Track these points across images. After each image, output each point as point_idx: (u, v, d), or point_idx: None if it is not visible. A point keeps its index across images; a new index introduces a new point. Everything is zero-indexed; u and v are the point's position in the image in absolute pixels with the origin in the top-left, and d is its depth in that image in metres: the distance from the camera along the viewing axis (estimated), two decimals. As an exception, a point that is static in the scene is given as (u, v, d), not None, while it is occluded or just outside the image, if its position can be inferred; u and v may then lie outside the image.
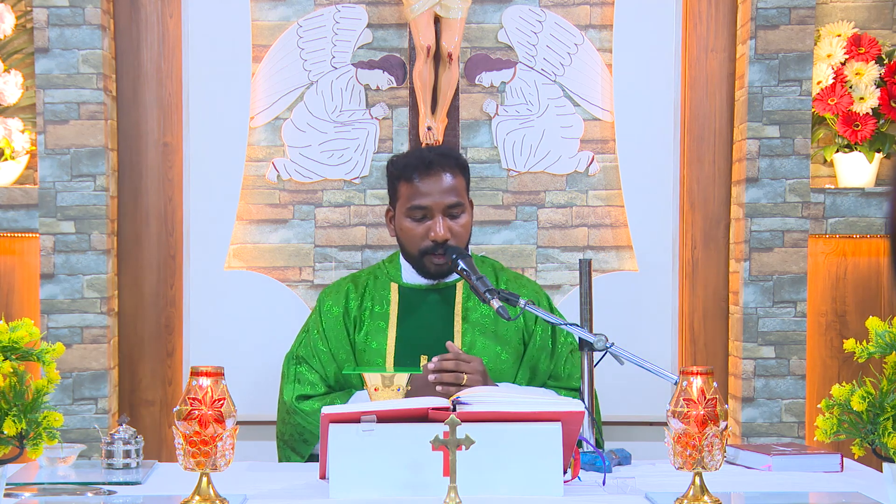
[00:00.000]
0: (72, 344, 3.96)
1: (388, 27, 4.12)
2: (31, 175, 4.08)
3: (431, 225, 3.34)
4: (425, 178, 3.35)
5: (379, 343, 3.37)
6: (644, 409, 4.02)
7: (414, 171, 3.37)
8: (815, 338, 4.16)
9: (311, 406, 3.29)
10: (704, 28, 4.19)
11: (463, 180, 3.41)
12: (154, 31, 4.16)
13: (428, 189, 3.35)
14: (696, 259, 4.20)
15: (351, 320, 3.41)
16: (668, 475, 2.79)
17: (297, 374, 3.38)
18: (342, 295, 3.45)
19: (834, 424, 2.44)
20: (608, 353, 3.07)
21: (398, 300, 3.42)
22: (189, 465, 2.44)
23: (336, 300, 3.44)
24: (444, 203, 3.35)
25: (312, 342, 3.40)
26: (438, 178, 3.36)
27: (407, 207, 3.37)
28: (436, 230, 3.33)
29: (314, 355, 3.38)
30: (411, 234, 3.37)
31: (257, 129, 4.11)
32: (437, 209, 3.35)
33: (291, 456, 3.36)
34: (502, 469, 2.62)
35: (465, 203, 3.40)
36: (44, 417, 2.37)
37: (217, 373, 2.46)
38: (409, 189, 3.37)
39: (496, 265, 3.55)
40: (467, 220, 3.40)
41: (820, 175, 4.16)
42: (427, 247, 3.35)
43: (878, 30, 4.15)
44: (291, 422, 3.34)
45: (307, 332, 3.44)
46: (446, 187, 3.36)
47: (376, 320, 3.40)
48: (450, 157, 3.42)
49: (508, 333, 3.39)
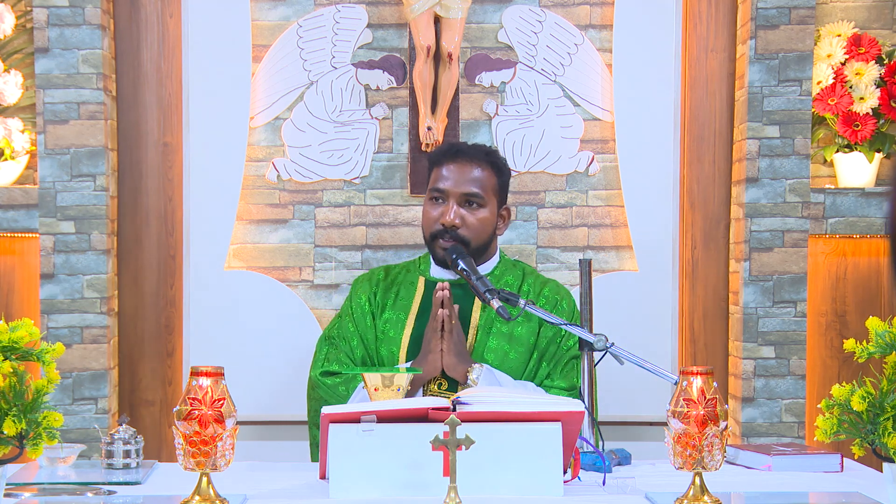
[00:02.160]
0: (72, 344, 3.96)
1: (388, 27, 4.12)
2: (31, 175, 4.08)
3: (445, 210, 3.40)
4: (450, 163, 3.44)
5: (396, 332, 3.43)
6: (644, 409, 4.02)
7: (443, 157, 3.47)
8: (815, 338, 4.16)
9: (334, 381, 3.37)
10: (704, 28, 4.19)
11: (493, 178, 3.45)
12: (154, 31, 4.16)
13: (450, 174, 3.43)
14: (696, 259, 4.20)
15: (376, 305, 3.49)
16: (668, 475, 2.79)
17: (326, 353, 3.47)
18: (373, 282, 3.54)
19: (834, 424, 2.45)
20: (608, 353, 3.07)
21: (422, 293, 3.48)
22: (189, 465, 2.44)
23: (365, 287, 3.54)
24: (462, 191, 3.41)
25: (343, 326, 3.49)
26: (464, 166, 3.43)
27: (429, 189, 3.46)
28: (447, 215, 3.39)
29: (344, 338, 3.47)
30: (427, 216, 3.45)
31: (257, 129, 4.11)
32: (454, 195, 3.41)
33: (316, 434, 3.41)
34: (502, 469, 2.62)
35: (489, 199, 3.43)
36: (44, 417, 2.37)
37: (217, 373, 2.46)
38: (436, 173, 3.47)
39: (526, 268, 3.57)
40: (486, 215, 3.42)
41: (820, 175, 4.17)
42: (436, 230, 3.41)
43: (878, 30, 4.15)
44: (314, 396, 3.42)
45: (340, 317, 3.54)
46: (469, 177, 3.42)
47: (398, 311, 3.47)
48: (483, 151, 3.49)
49: (523, 334, 3.40)
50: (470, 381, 3.24)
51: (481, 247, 3.44)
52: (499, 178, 3.47)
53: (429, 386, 3.30)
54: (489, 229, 3.44)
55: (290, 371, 4.03)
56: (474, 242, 3.41)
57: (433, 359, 3.26)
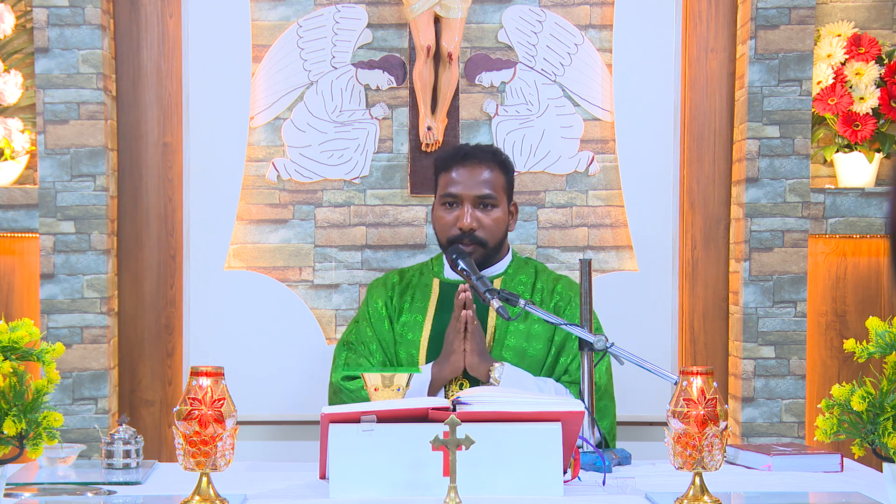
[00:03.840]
0: (72, 344, 3.96)
1: (388, 27, 4.12)
2: (31, 175, 4.08)
3: (460, 214, 3.44)
4: (460, 167, 3.47)
5: (414, 334, 3.47)
6: (644, 409, 4.03)
7: (452, 161, 3.49)
8: (815, 338, 4.16)
9: (356, 385, 3.39)
10: (704, 28, 4.19)
11: (501, 177, 3.49)
12: (154, 31, 4.16)
13: (461, 178, 3.46)
14: (696, 259, 4.20)
15: (393, 309, 3.52)
16: (668, 475, 2.79)
17: (346, 358, 3.49)
18: (388, 287, 3.58)
19: (834, 424, 2.45)
20: (608, 353, 3.07)
21: (438, 295, 3.53)
22: (189, 465, 2.44)
23: (380, 292, 3.57)
24: (475, 194, 3.45)
25: (361, 330, 3.52)
26: (473, 169, 3.46)
27: (441, 195, 3.49)
28: (463, 219, 3.42)
29: (362, 342, 3.49)
30: (442, 222, 3.48)
31: (257, 129, 4.11)
32: (468, 199, 3.45)
33: None
34: (502, 469, 2.62)
35: (501, 198, 3.48)
36: (44, 417, 2.37)
37: (217, 373, 2.46)
38: (445, 178, 3.49)
39: (538, 265, 3.62)
40: (500, 215, 3.47)
41: (820, 175, 4.16)
42: (455, 235, 3.44)
43: (878, 30, 4.15)
44: (337, 401, 3.43)
45: (357, 322, 3.56)
46: (480, 179, 3.45)
47: (415, 313, 3.51)
48: (489, 152, 3.52)
49: (539, 330, 3.44)
50: (492, 380, 3.29)
51: (497, 245, 3.51)
52: (506, 176, 3.52)
53: (450, 386, 3.33)
54: (503, 228, 3.51)
55: (290, 371, 4.03)
56: (491, 242, 3.47)
57: (456, 359, 3.30)
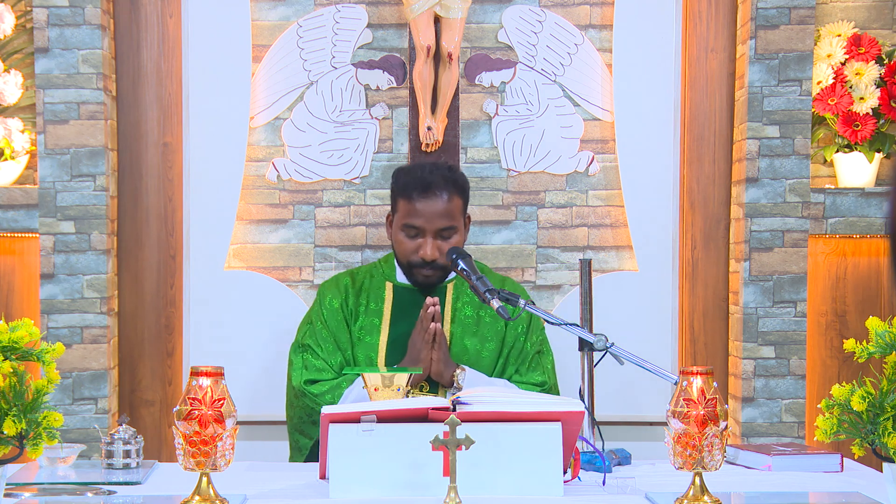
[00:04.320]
0: (72, 344, 3.96)
1: (388, 27, 4.12)
2: (31, 175, 4.08)
3: (422, 244, 3.50)
4: (422, 198, 3.49)
5: (372, 338, 3.52)
6: (644, 409, 4.03)
7: (413, 191, 3.51)
8: (815, 338, 4.16)
9: (320, 388, 3.43)
10: (704, 28, 4.19)
11: (460, 201, 3.55)
12: (154, 31, 4.16)
13: (423, 210, 3.49)
14: (696, 259, 4.20)
15: (349, 312, 3.56)
16: (668, 475, 2.79)
17: (304, 361, 3.51)
18: (341, 288, 3.60)
19: (834, 424, 2.44)
20: (608, 353, 3.07)
21: (392, 299, 3.58)
22: (189, 465, 2.44)
23: (335, 293, 3.59)
24: (437, 226, 3.50)
25: (317, 332, 3.54)
26: (434, 200, 3.50)
27: (402, 223, 3.53)
28: (425, 250, 3.49)
29: (319, 344, 3.52)
30: (403, 246, 3.54)
31: (257, 129, 4.11)
32: (430, 230, 3.50)
33: (300, 439, 3.50)
34: (502, 469, 2.62)
35: (459, 225, 3.54)
36: (44, 417, 2.37)
37: (217, 373, 2.46)
38: (406, 206, 3.51)
39: (484, 268, 3.67)
40: (458, 240, 3.54)
41: (820, 175, 4.16)
42: (416, 262, 3.52)
43: (878, 30, 4.15)
44: (300, 405, 3.46)
45: (311, 324, 3.58)
46: (440, 210, 3.49)
47: (371, 317, 3.55)
48: (446, 177, 3.54)
49: (489, 332, 3.52)
50: (455, 385, 3.37)
51: None
52: (462, 197, 3.57)
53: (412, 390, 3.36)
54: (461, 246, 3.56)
55: (290, 371, 4.03)
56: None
57: (423, 367, 3.38)
